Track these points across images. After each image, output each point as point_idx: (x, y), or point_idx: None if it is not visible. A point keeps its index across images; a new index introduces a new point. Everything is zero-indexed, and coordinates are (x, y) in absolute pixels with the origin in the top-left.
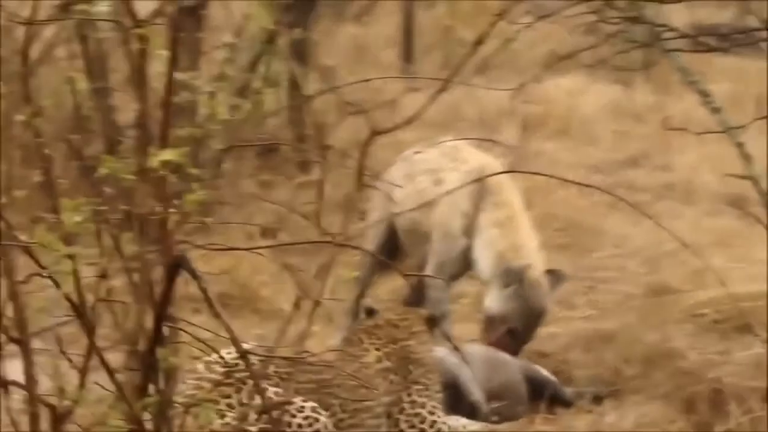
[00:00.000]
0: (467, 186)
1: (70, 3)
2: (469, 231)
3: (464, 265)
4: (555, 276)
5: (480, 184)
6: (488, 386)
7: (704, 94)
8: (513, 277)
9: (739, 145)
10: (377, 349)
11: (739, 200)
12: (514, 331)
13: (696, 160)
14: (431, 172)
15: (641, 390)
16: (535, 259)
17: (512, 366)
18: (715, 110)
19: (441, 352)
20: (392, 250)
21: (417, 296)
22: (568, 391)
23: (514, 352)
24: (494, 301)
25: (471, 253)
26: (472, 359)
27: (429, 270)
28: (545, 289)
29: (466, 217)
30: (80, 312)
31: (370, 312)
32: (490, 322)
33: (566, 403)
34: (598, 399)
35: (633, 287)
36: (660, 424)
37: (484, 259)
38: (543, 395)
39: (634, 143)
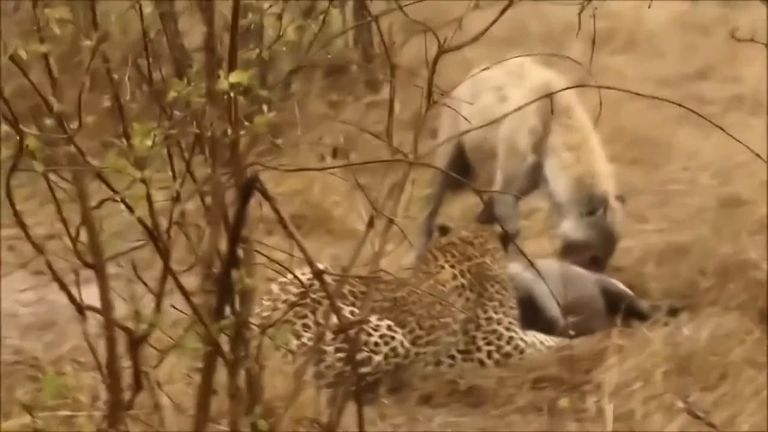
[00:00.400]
0: (534, 102)
1: None
2: (539, 149)
3: (533, 181)
4: (622, 201)
5: (547, 101)
6: (564, 301)
7: None
8: (596, 205)
9: None
10: (452, 267)
11: None
12: (596, 259)
13: (764, 71)
14: (496, 89)
15: (716, 302)
16: (610, 186)
17: (588, 280)
18: None
19: (516, 268)
20: (462, 168)
21: (488, 214)
22: (644, 304)
23: None
24: (575, 228)
25: (541, 172)
26: (547, 275)
27: (497, 186)
28: (622, 216)
29: (534, 134)
30: (154, 236)
31: (444, 230)
32: (571, 249)
33: (642, 316)
34: (673, 311)
35: (705, 200)
36: (736, 335)
37: (558, 182)
38: (619, 309)
39: (701, 56)
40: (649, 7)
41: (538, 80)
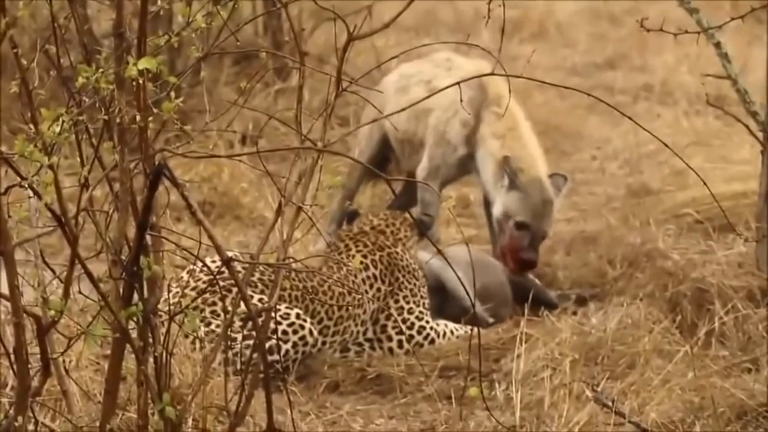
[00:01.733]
0: (466, 94)
1: None
2: (471, 140)
3: (459, 172)
4: (558, 178)
5: (480, 94)
6: (473, 288)
7: None
8: (511, 175)
9: (717, 45)
10: (364, 256)
11: (717, 100)
12: (521, 224)
13: (674, 61)
14: (425, 83)
15: (625, 291)
16: (537, 164)
17: (496, 268)
18: (692, 11)
19: (427, 256)
20: (383, 159)
21: (407, 200)
22: (553, 293)
23: (532, 246)
24: (498, 204)
25: (473, 163)
26: (456, 262)
27: (421, 172)
28: (545, 183)
29: (466, 127)
30: (62, 222)
31: (353, 216)
32: (500, 225)
33: (551, 306)
34: (582, 301)
35: (614, 189)
36: (644, 325)
37: (487, 170)
38: (528, 298)
39: (611, 45)
40: None
41: (467, 71)
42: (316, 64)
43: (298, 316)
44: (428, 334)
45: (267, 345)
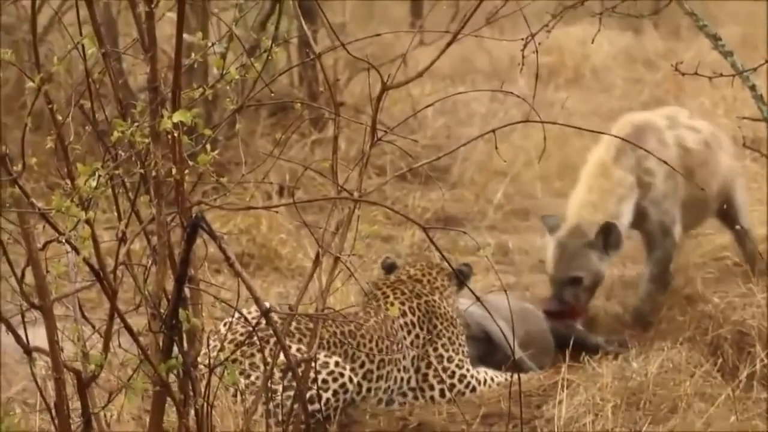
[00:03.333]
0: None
1: None
2: None
3: None
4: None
5: None
6: (517, 337)
7: (714, 38)
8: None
9: (752, 88)
10: (402, 304)
11: (754, 143)
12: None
13: (710, 104)
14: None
15: (666, 335)
16: (572, 210)
17: (536, 316)
18: (726, 53)
19: (467, 304)
20: None
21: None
22: (596, 338)
23: (554, 296)
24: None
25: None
26: (498, 310)
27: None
28: (569, 228)
29: None
30: (100, 276)
31: (391, 267)
32: None
33: (593, 350)
34: (624, 345)
35: None
36: (685, 369)
37: None
38: (568, 343)
39: (646, 90)
40: (592, 42)
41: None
42: (352, 114)
43: (337, 363)
44: (469, 382)
45: (308, 395)
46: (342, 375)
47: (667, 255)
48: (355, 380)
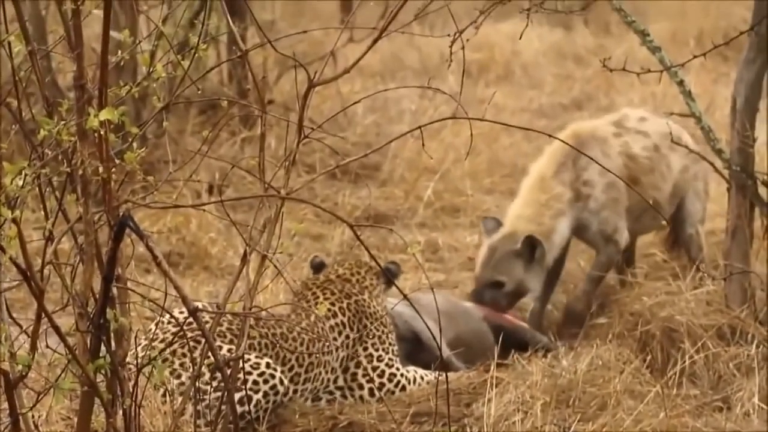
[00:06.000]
0: None
1: None
2: None
3: None
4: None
5: None
6: (447, 336)
7: (643, 34)
8: None
9: (680, 83)
10: (332, 304)
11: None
12: None
13: (639, 100)
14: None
15: (595, 332)
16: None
17: (470, 314)
18: (654, 49)
19: (395, 303)
20: None
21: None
22: (539, 336)
23: (472, 292)
24: None
25: None
26: (429, 309)
27: None
28: (498, 232)
29: None
30: (27, 276)
31: (320, 266)
32: None
33: (522, 347)
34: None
35: None
36: (615, 366)
37: None
38: (515, 343)
39: (576, 86)
40: (520, 38)
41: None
42: (282, 112)
43: (268, 365)
44: (399, 381)
45: (237, 396)
46: (273, 377)
47: (609, 261)
48: (286, 382)
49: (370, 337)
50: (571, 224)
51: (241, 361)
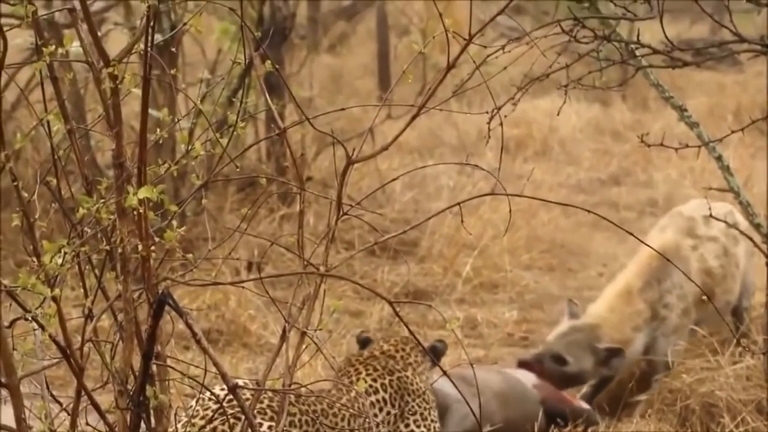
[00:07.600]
0: None
1: (43, 45)
2: None
3: None
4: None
5: None
6: (499, 417)
7: (680, 109)
8: None
9: (718, 158)
10: (374, 380)
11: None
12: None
13: (677, 175)
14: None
15: (635, 407)
16: None
17: (529, 397)
18: (693, 125)
19: (439, 382)
20: None
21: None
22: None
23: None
24: None
25: None
26: (483, 389)
27: None
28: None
29: None
30: (67, 354)
31: (366, 342)
32: None
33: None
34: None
35: None
36: None
37: None
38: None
39: (615, 161)
40: (558, 114)
41: None
42: (320, 189)
43: None
44: None
45: None
46: None
47: (662, 371)
48: None
49: (412, 413)
50: (645, 341)
51: None
